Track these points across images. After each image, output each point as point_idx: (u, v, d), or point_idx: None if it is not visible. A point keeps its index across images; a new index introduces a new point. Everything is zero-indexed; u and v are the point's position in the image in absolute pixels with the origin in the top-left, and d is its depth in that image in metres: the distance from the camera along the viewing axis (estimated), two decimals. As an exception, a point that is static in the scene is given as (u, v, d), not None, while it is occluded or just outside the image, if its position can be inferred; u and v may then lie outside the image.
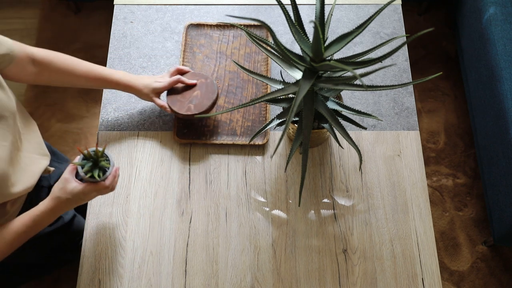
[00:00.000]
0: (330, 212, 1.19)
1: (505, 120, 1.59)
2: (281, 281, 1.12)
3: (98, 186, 1.00)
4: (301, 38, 0.95)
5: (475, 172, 2.02)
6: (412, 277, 1.12)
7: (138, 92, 1.19)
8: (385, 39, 1.40)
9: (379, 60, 0.88)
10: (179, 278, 1.12)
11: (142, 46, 1.39)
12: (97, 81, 1.16)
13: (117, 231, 1.17)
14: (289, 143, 1.27)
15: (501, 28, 1.72)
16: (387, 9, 1.45)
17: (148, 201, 1.20)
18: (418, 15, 2.36)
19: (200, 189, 1.21)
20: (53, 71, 1.11)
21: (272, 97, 1.00)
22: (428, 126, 2.11)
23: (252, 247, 1.15)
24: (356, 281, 1.12)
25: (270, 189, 1.21)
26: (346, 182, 1.22)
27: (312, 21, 0.80)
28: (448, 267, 1.85)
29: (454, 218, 1.94)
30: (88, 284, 1.12)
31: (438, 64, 2.25)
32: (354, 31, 0.93)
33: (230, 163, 1.24)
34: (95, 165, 0.99)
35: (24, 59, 1.06)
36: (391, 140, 1.27)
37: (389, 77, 1.34)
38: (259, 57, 1.36)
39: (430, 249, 1.15)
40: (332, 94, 1.09)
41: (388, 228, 1.17)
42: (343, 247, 1.15)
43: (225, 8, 1.45)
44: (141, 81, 1.19)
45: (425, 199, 1.20)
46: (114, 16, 1.44)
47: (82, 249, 1.15)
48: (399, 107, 1.31)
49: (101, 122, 1.29)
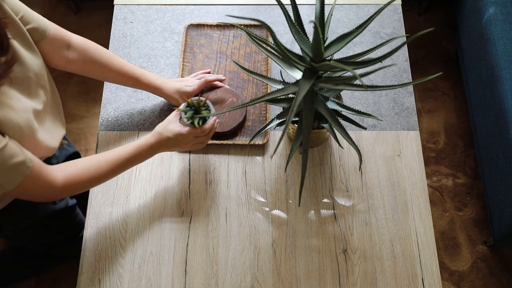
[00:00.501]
0: (330, 212, 1.19)
1: (505, 120, 1.59)
2: (281, 281, 1.12)
3: (196, 130, 1.07)
4: (301, 38, 0.95)
5: (475, 172, 2.02)
6: (412, 277, 1.12)
7: (168, 96, 1.21)
8: (385, 39, 1.40)
9: (379, 60, 0.88)
10: (179, 278, 1.12)
11: (142, 46, 1.39)
12: (128, 79, 1.17)
13: (117, 231, 1.17)
14: (289, 143, 1.27)
15: (501, 28, 1.72)
16: (387, 9, 1.45)
17: (148, 201, 1.20)
18: (418, 15, 2.36)
19: (200, 189, 1.21)
20: (87, 60, 1.13)
21: (272, 97, 1.00)
22: (428, 126, 2.11)
23: (252, 247, 1.15)
24: (356, 281, 1.12)
25: (270, 189, 1.21)
26: (346, 182, 1.22)
27: (312, 21, 0.80)
28: (448, 267, 1.85)
29: (454, 218, 1.94)
30: (88, 284, 1.12)
31: (438, 64, 2.25)
32: (354, 31, 0.93)
33: (230, 163, 1.24)
34: (196, 113, 1.09)
35: (58, 40, 1.07)
36: (391, 140, 1.27)
37: (389, 77, 1.35)
38: (259, 57, 1.36)
39: (430, 249, 1.15)
40: (332, 94, 1.09)
41: (388, 228, 1.17)
42: (343, 247, 1.15)
43: (225, 8, 1.45)
44: (172, 85, 1.21)
45: (425, 199, 1.20)
46: (114, 16, 1.44)
47: (82, 249, 1.15)
48: (399, 107, 1.31)
49: (101, 122, 1.29)
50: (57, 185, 0.97)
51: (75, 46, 1.11)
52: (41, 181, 0.94)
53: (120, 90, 1.33)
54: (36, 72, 0.98)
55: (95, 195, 1.20)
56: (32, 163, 0.91)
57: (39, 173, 0.93)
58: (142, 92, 1.32)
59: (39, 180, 0.93)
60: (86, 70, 1.15)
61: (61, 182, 0.98)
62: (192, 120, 1.07)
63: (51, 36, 1.05)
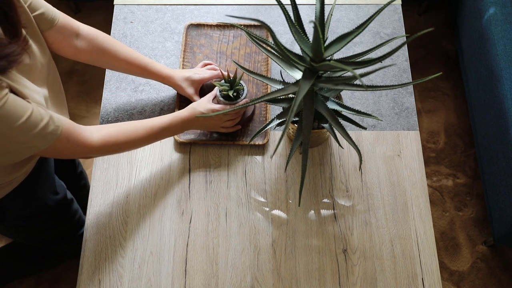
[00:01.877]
0: (330, 212, 1.19)
1: (505, 120, 1.59)
2: (281, 281, 1.12)
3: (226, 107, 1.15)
4: (301, 38, 0.95)
5: (475, 172, 2.02)
6: (412, 277, 1.12)
7: (176, 85, 1.24)
8: (385, 39, 1.40)
9: (379, 60, 0.88)
10: (179, 278, 1.12)
11: (142, 46, 1.39)
12: (137, 68, 1.19)
13: (117, 231, 1.17)
14: (289, 143, 1.27)
15: (501, 28, 1.72)
16: (387, 9, 1.45)
17: (148, 201, 1.20)
18: (418, 15, 2.36)
19: (200, 189, 1.21)
20: (95, 49, 1.14)
21: (272, 97, 1.00)
22: (428, 126, 2.11)
23: (252, 247, 1.15)
24: (356, 281, 1.12)
25: (270, 189, 1.21)
26: (346, 182, 1.22)
27: (312, 21, 0.80)
28: (448, 267, 1.85)
29: (454, 218, 1.94)
30: (88, 284, 1.12)
31: (438, 64, 2.25)
32: (354, 31, 0.93)
33: (230, 163, 1.24)
34: (231, 87, 1.15)
35: (67, 29, 1.08)
36: (391, 140, 1.27)
37: (389, 77, 1.35)
38: (259, 57, 1.36)
39: (430, 249, 1.15)
40: (332, 94, 1.09)
41: (388, 228, 1.17)
42: (343, 247, 1.15)
43: (225, 8, 1.45)
44: (181, 74, 1.23)
45: (425, 199, 1.20)
46: (114, 16, 1.44)
47: (82, 249, 1.15)
48: (399, 107, 1.31)
49: (101, 122, 1.29)
50: (92, 144, 1.01)
51: (83, 35, 1.12)
52: (74, 140, 0.97)
53: (120, 90, 1.33)
54: (42, 61, 0.99)
55: (95, 195, 1.20)
56: (61, 123, 0.94)
57: (71, 132, 0.96)
58: (142, 92, 1.32)
59: (72, 139, 0.97)
60: (94, 59, 1.16)
61: (96, 141, 1.02)
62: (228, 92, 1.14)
63: (60, 25, 1.06)
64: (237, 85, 1.17)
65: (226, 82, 1.16)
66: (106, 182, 1.22)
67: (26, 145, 0.89)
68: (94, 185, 1.22)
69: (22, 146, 0.89)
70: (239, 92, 1.18)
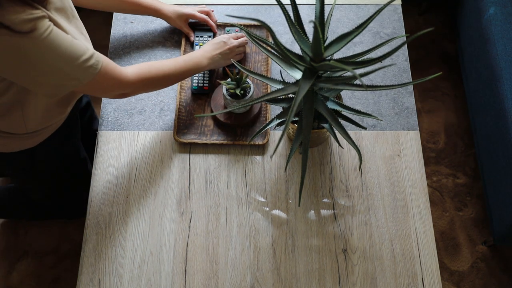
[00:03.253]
0: (330, 212, 1.19)
1: (505, 120, 1.59)
2: (281, 281, 1.12)
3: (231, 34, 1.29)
4: (301, 38, 0.95)
5: (475, 172, 2.02)
6: (412, 277, 1.12)
7: (167, 18, 1.33)
8: (385, 39, 1.40)
9: (379, 60, 0.88)
10: (179, 278, 1.12)
11: (142, 46, 1.39)
12: (129, 4, 1.29)
13: (117, 231, 1.17)
14: (289, 143, 1.27)
15: (501, 28, 1.72)
16: (387, 9, 1.45)
17: (148, 201, 1.20)
18: (418, 15, 2.36)
19: (200, 189, 1.21)
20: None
21: (272, 97, 1.00)
22: (428, 126, 2.11)
23: (252, 247, 1.15)
24: (356, 281, 1.12)
25: (270, 189, 1.21)
26: (346, 182, 1.22)
27: (312, 21, 0.80)
28: (448, 267, 1.85)
29: (454, 218, 1.94)
30: (88, 284, 1.12)
31: (438, 64, 2.25)
32: (354, 31, 0.93)
33: (230, 163, 1.24)
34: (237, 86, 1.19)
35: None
36: (391, 140, 1.27)
37: (389, 77, 1.35)
38: (259, 57, 1.36)
39: (430, 249, 1.15)
40: (332, 94, 1.09)
41: (388, 228, 1.17)
42: (343, 247, 1.15)
43: (225, 8, 1.45)
44: (171, 7, 1.33)
45: (425, 199, 1.20)
46: (114, 16, 1.44)
47: (82, 249, 1.15)
48: (399, 107, 1.31)
49: (101, 122, 1.29)
50: (129, 80, 1.07)
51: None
52: (112, 75, 1.03)
53: (120, 90, 1.33)
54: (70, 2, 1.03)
55: (95, 195, 1.21)
56: (101, 58, 0.99)
57: (110, 68, 1.02)
58: (142, 92, 1.32)
59: (111, 75, 1.02)
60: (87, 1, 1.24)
61: (131, 76, 1.08)
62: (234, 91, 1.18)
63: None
64: (244, 83, 1.20)
65: (233, 81, 1.19)
66: (106, 182, 1.22)
67: (70, 77, 0.95)
68: (94, 185, 1.22)
69: (66, 78, 0.95)
70: (246, 90, 1.21)
